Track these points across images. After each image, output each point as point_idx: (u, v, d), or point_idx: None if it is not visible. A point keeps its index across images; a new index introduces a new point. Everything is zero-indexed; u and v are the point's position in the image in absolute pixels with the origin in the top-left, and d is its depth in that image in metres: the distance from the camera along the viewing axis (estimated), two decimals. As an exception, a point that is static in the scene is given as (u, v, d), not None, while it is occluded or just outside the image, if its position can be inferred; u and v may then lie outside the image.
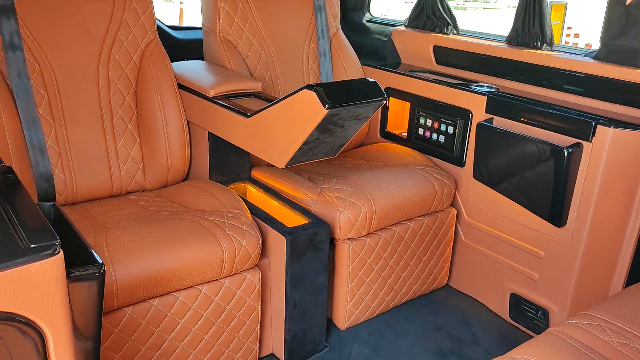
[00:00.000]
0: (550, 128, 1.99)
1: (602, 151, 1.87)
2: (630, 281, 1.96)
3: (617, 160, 1.87)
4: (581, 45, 9.44)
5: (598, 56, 2.08)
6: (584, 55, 2.15)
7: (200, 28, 2.56)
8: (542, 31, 2.24)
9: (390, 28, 2.86)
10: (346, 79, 2.64)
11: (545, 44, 2.25)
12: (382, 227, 2.12)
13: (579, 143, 1.92)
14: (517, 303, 2.22)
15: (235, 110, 1.94)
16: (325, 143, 1.75)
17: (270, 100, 2.09)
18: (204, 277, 1.71)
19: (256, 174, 2.28)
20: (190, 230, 1.74)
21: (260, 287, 1.86)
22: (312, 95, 1.58)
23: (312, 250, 1.90)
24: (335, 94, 1.60)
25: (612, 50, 2.02)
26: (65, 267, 0.97)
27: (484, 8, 20.64)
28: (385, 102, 1.69)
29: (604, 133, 1.86)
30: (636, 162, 1.87)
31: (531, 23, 2.26)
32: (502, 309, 2.28)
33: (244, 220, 1.84)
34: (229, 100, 2.05)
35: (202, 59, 2.48)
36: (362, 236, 2.07)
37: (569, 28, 10.03)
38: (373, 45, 2.92)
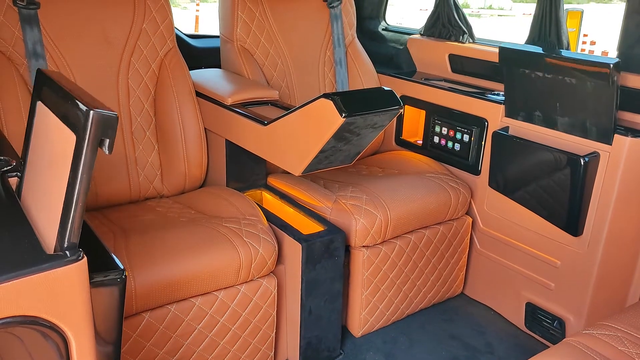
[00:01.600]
0: (567, 135, 1.99)
1: (619, 160, 1.86)
2: (648, 291, 1.94)
3: (635, 169, 1.86)
4: (597, 52, 9.38)
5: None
6: (601, 64, 2.14)
7: (217, 36, 2.59)
8: (559, 39, 2.24)
9: (406, 36, 2.88)
10: (362, 87, 2.65)
11: (561, 53, 2.24)
12: (397, 235, 2.12)
13: (596, 152, 1.92)
14: (533, 312, 2.21)
15: (252, 118, 1.96)
16: (342, 151, 1.77)
17: (287, 109, 2.11)
18: (221, 283, 1.73)
19: (272, 181, 2.30)
20: (208, 237, 1.76)
21: (276, 293, 1.87)
22: (329, 104, 1.60)
23: (328, 258, 1.91)
24: (352, 102, 1.62)
25: (630, 59, 2.01)
26: (88, 273, 0.99)
27: (499, 15, 20.59)
28: (401, 110, 1.70)
29: (621, 142, 1.85)
30: (654, 172, 1.86)
31: (547, 31, 2.26)
32: (518, 318, 2.27)
33: (260, 227, 1.86)
34: (246, 108, 2.07)
35: (220, 67, 2.51)
36: (377, 244, 2.07)
37: (585, 35, 9.97)
38: (389, 54, 2.93)
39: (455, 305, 2.41)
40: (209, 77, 2.32)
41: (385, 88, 1.71)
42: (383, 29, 3.08)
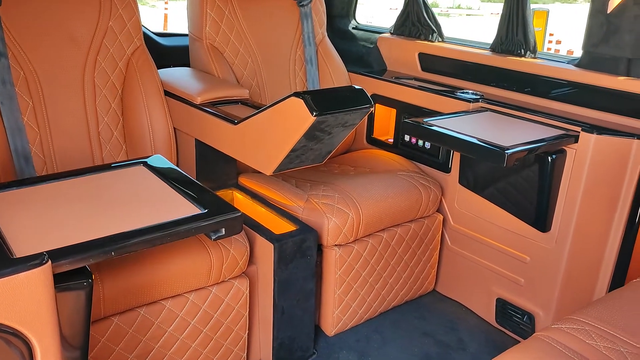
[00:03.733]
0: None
1: (585, 157, 1.90)
2: (613, 285, 1.98)
3: (600, 166, 1.90)
4: (563, 51, 9.57)
5: (580, 64, 2.11)
6: (567, 63, 2.18)
7: (186, 35, 2.55)
8: (526, 39, 2.27)
9: (376, 35, 2.88)
10: (333, 85, 2.65)
11: (528, 52, 2.28)
12: (369, 233, 2.13)
13: (562, 149, 1.95)
14: (503, 308, 2.24)
15: (223, 117, 1.94)
16: (313, 150, 1.76)
17: (257, 107, 2.09)
18: (192, 285, 1.71)
19: (243, 180, 2.28)
20: (178, 238, 1.73)
21: (248, 294, 1.85)
22: (299, 102, 1.59)
23: (300, 257, 1.90)
24: (323, 101, 1.61)
25: (594, 58, 2.05)
26: (53, 277, 0.96)
27: (467, 15, 20.85)
28: (372, 109, 1.70)
29: (587, 139, 1.89)
30: (618, 168, 1.90)
31: (515, 31, 2.29)
32: (489, 313, 2.30)
33: (232, 227, 1.83)
34: (216, 107, 2.05)
35: (189, 66, 2.48)
36: (349, 242, 2.07)
37: (551, 35, 10.17)
38: (359, 52, 2.94)
39: (427, 302, 2.43)
40: (178, 76, 2.28)
41: (356, 87, 1.70)
42: (353, 28, 3.08)
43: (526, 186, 2.04)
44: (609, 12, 1.96)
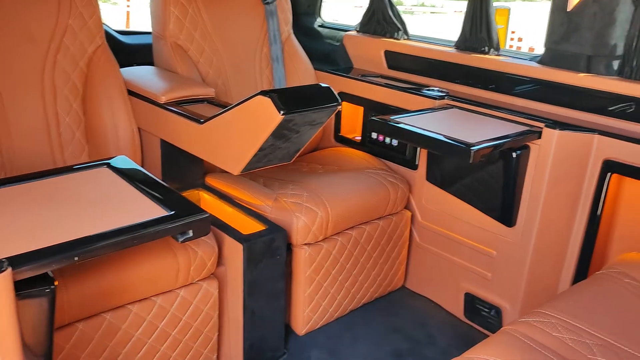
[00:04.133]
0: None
1: (548, 153, 1.93)
2: (577, 277, 2.03)
3: (563, 161, 1.93)
4: (525, 48, 9.76)
5: (542, 61, 2.15)
6: (529, 60, 2.22)
7: (149, 33, 2.51)
8: (489, 36, 2.30)
9: (342, 33, 2.88)
10: (299, 83, 2.64)
11: (492, 49, 2.31)
12: (338, 232, 2.12)
13: (526, 145, 1.98)
14: (472, 302, 2.27)
15: (188, 117, 1.91)
16: (281, 149, 1.75)
17: (223, 106, 2.07)
18: (159, 288, 1.67)
19: (210, 180, 2.25)
20: (144, 240, 1.70)
21: (217, 295, 1.83)
22: (267, 101, 1.57)
23: (269, 257, 1.88)
24: (290, 99, 1.60)
25: (556, 55, 2.09)
26: (14, 284, 0.93)
27: (431, 12, 21.07)
28: (339, 107, 1.70)
29: (550, 135, 1.92)
30: (580, 163, 1.94)
31: (478, 28, 2.31)
32: (457, 308, 2.33)
33: (199, 228, 1.81)
34: (181, 107, 2.01)
35: (152, 65, 2.43)
36: (318, 241, 2.07)
37: (513, 32, 10.35)
38: (325, 50, 2.93)
39: (396, 298, 2.44)
40: (142, 75, 2.24)
41: (323, 85, 1.70)
42: (319, 26, 3.07)
43: (492, 182, 2.06)
44: (569, 10, 2.00)
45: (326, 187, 2.14)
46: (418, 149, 2.34)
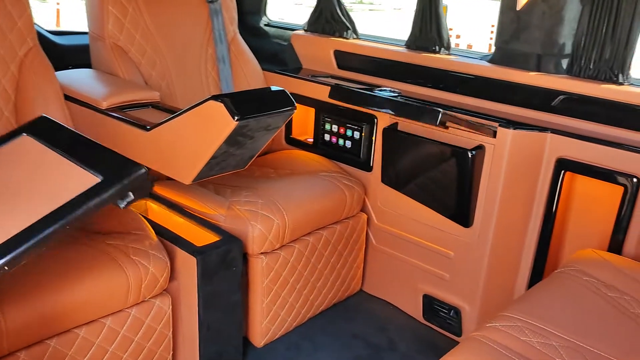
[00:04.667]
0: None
1: (503, 152, 1.93)
2: (534, 276, 2.04)
3: (518, 160, 1.94)
4: (463, 45, 9.98)
5: (493, 60, 2.15)
6: (480, 59, 2.22)
7: (85, 33, 2.36)
8: (440, 35, 2.29)
9: (289, 32, 2.81)
10: (247, 84, 2.55)
11: (443, 48, 2.30)
12: (295, 239, 2.06)
13: (481, 145, 1.98)
14: (430, 304, 2.25)
15: (133, 124, 1.79)
16: (235, 155, 1.66)
17: (170, 111, 1.96)
18: (108, 309, 1.56)
19: (157, 189, 2.13)
20: (89, 258, 1.58)
21: (171, 312, 1.73)
22: (219, 106, 1.49)
23: (225, 269, 1.80)
24: (244, 104, 1.52)
25: (506, 54, 2.10)
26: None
27: (369, 10, 21.27)
28: (295, 111, 1.63)
29: (504, 134, 1.92)
30: (535, 161, 1.95)
31: (429, 28, 2.30)
32: (416, 310, 2.31)
33: (149, 242, 1.70)
34: (124, 113, 1.89)
35: (90, 67, 2.29)
36: (275, 249, 1.99)
37: (451, 29, 10.57)
38: (272, 50, 2.85)
39: (355, 302, 2.40)
40: (80, 79, 2.10)
41: (278, 88, 1.63)
42: (265, 25, 2.99)
43: (447, 183, 2.05)
44: (518, 9, 2.00)
45: (281, 193, 2.07)
46: (373, 150, 2.30)
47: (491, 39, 12.58)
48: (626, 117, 1.83)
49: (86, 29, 2.32)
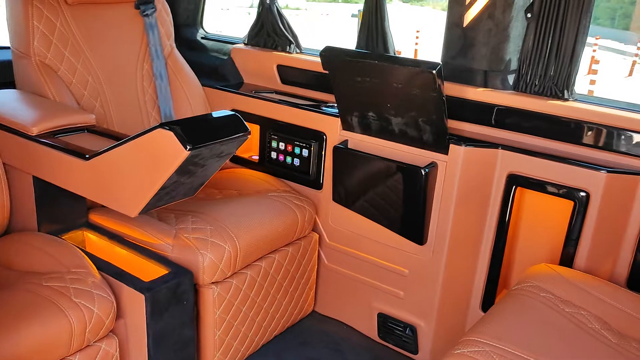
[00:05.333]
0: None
1: (455, 169, 1.93)
2: (488, 292, 2.05)
3: (470, 176, 1.94)
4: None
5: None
6: (427, 74, 2.21)
7: (7, 48, 2.17)
8: (386, 49, 2.27)
9: (229, 45, 2.71)
10: (186, 101, 2.43)
11: (389, 63, 2.27)
12: (247, 265, 1.97)
13: (434, 162, 1.96)
14: (385, 322, 2.22)
15: (69, 152, 1.65)
16: (184, 184, 1.56)
17: (106, 135, 1.83)
18: (50, 358, 1.42)
19: (95, 217, 1.99)
20: (26, 304, 1.43)
21: (118, 355, 1.60)
22: (169, 135, 1.38)
23: (175, 304, 1.69)
24: (195, 131, 1.42)
25: (453, 70, 2.10)
26: None
27: (296, 15, 21.29)
28: (249, 136, 1.55)
29: (456, 151, 1.92)
30: (487, 178, 1.95)
31: (375, 42, 2.27)
32: (371, 329, 2.27)
33: (92, 280, 1.57)
34: (57, 139, 1.74)
35: (14, 88, 2.10)
36: (227, 278, 1.89)
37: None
38: (212, 64, 2.74)
39: (308, 325, 2.33)
40: (4, 101, 1.91)
41: (230, 112, 1.54)
42: (202, 38, 2.87)
43: (400, 200, 2.03)
44: (465, 25, 2.01)
45: (230, 217, 1.98)
46: (322, 168, 2.25)
47: (417, 44, 12.89)
48: (572, 132, 1.87)
49: (7, 44, 2.14)
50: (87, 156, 1.60)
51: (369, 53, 2.12)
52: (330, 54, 1.99)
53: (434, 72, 1.76)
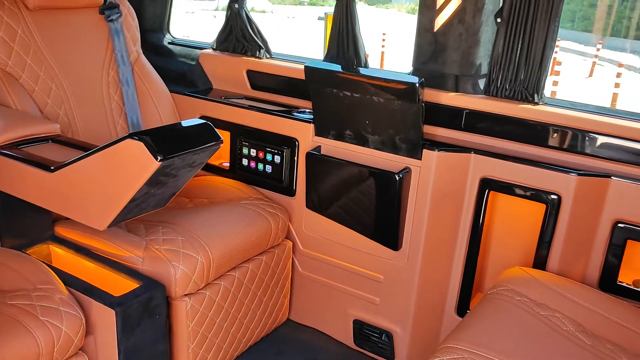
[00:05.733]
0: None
1: (429, 174, 1.93)
2: (463, 296, 2.05)
3: (443, 181, 1.94)
4: (358, 54, 10.13)
5: (411, 80, 2.15)
6: (398, 79, 2.20)
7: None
8: (357, 55, 2.26)
9: (197, 51, 2.66)
10: (154, 108, 2.38)
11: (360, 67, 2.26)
12: (220, 275, 1.93)
13: (407, 167, 1.96)
14: (361, 329, 2.21)
15: (33, 163, 1.59)
16: (155, 196, 1.52)
17: (72, 145, 1.77)
18: (15, 381, 1.36)
19: (61, 230, 1.92)
20: (-12, 324, 1.37)
21: (88, 374, 1.54)
22: (139, 145, 1.34)
23: (147, 318, 1.64)
24: (166, 141, 1.38)
25: (424, 74, 2.10)
26: None
27: (262, 18, 21.21)
28: (221, 145, 1.52)
29: (430, 156, 1.92)
30: (460, 182, 1.96)
31: (346, 47, 2.25)
32: (346, 336, 2.25)
33: (59, 297, 1.51)
34: (20, 150, 1.68)
35: (-27, 96, 2.02)
36: (200, 289, 1.85)
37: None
38: (179, 70, 2.69)
39: (283, 334, 2.30)
40: (-38, 111, 1.84)
41: (201, 121, 1.50)
42: (169, 43, 2.81)
43: (375, 206, 2.01)
44: (435, 30, 2.01)
45: (202, 227, 1.93)
46: (295, 174, 2.22)
47: (383, 46, 12.96)
48: (543, 135, 1.89)
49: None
50: (52, 168, 1.54)
51: (352, 68, 2.10)
52: (313, 68, 1.98)
53: (416, 84, 1.77)
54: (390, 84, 1.86)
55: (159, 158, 1.33)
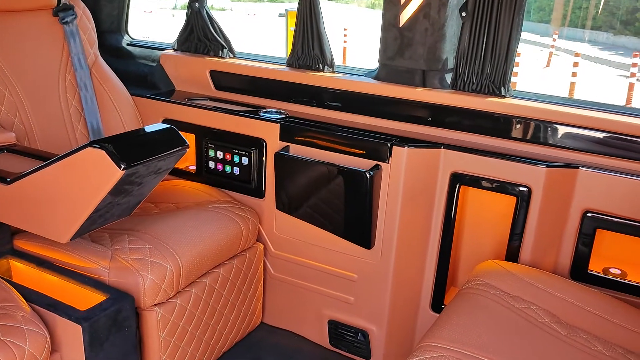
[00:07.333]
0: (348, 152, 1.98)
1: (400, 170, 1.91)
2: (437, 291, 2.05)
3: (414, 177, 1.93)
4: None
5: (378, 76, 2.13)
6: (364, 76, 2.19)
7: None
8: (322, 53, 2.23)
9: (157, 52, 2.59)
10: (115, 112, 2.30)
11: (326, 66, 2.24)
12: (191, 282, 1.87)
13: (377, 165, 1.94)
14: (336, 329, 2.18)
15: (-13, 176, 1.51)
16: (120, 205, 1.46)
17: (29, 154, 1.69)
18: (-23, 407, 1.29)
19: (21, 243, 1.84)
20: (-55, 348, 1.29)
21: (56, 393, 1.48)
22: (100, 154, 1.28)
23: (116, 332, 1.58)
24: (130, 149, 1.33)
25: (391, 70, 2.08)
26: None
27: (221, 16, 20.99)
28: (187, 149, 1.46)
29: (399, 153, 1.90)
30: (431, 178, 1.95)
31: (311, 46, 2.22)
32: (322, 337, 2.23)
33: (21, 315, 1.44)
34: (-27, 162, 1.59)
35: None
36: (170, 298, 1.80)
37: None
38: (139, 72, 2.61)
39: (257, 338, 2.26)
40: None
41: (165, 126, 1.45)
42: (128, 44, 2.73)
43: (346, 205, 1.99)
44: (401, 25, 1.99)
45: (170, 233, 1.88)
46: (264, 176, 2.18)
47: (345, 42, 12.97)
48: (511, 128, 1.90)
49: None
50: (8, 180, 1.46)
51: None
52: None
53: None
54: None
55: (123, 166, 1.27)
